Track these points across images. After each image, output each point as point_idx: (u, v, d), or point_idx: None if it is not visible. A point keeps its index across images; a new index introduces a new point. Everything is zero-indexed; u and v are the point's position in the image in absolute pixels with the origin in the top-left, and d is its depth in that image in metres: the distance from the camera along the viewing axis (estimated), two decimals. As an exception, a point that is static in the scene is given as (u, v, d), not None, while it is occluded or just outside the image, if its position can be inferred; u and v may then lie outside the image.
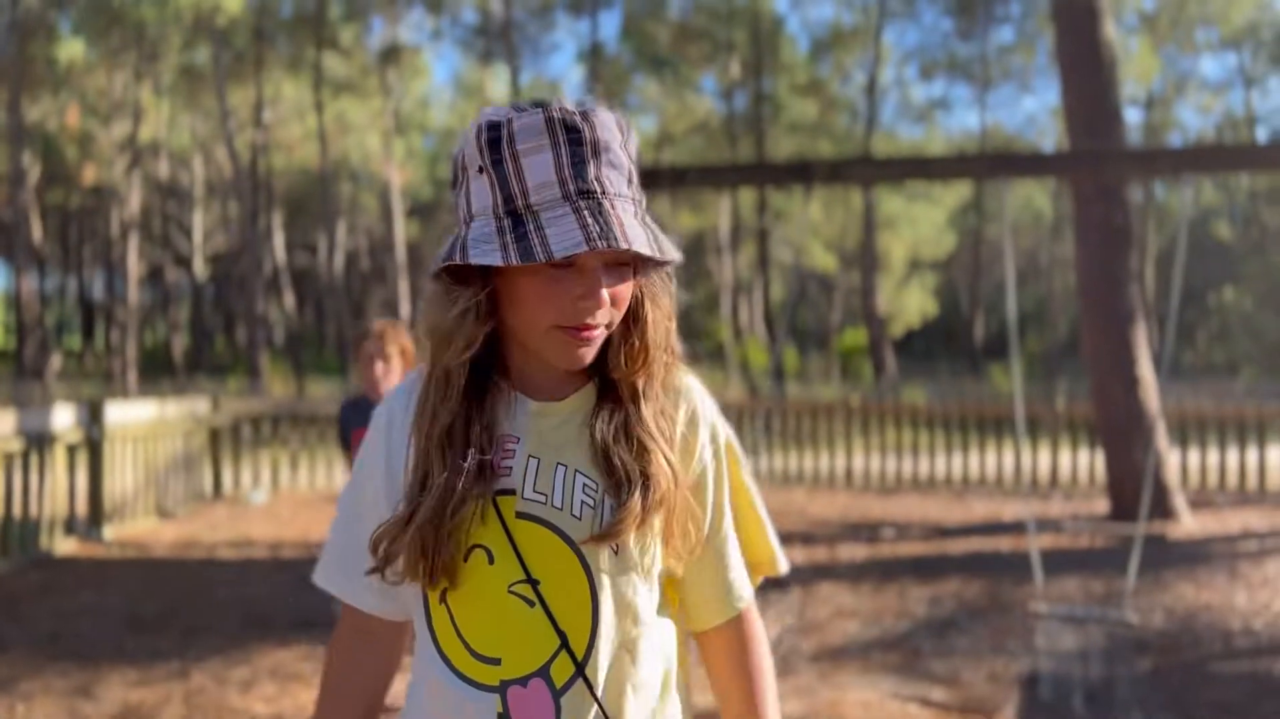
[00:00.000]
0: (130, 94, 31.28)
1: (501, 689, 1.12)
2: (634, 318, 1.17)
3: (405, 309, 36.01)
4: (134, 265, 32.13)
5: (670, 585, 1.25)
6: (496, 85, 36.66)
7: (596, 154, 1.09)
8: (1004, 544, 7.75)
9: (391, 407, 1.24)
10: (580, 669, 1.12)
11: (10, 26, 26.34)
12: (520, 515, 1.13)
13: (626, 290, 1.13)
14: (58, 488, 7.33)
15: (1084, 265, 8.81)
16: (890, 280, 36.27)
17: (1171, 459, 9.14)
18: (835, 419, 11.48)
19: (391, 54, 32.54)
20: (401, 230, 34.71)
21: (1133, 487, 8.01)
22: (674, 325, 1.22)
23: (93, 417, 7.80)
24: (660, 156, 32.29)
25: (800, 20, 48.87)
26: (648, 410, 1.17)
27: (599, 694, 1.13)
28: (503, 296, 1.13)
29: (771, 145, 33.25)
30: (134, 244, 31.99)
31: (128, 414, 8.36)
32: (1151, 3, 33.87)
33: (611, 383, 1.18)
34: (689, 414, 1.23)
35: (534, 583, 1.12)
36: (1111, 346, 8.53)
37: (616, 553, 1.14)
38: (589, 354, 1.13)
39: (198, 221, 36.34)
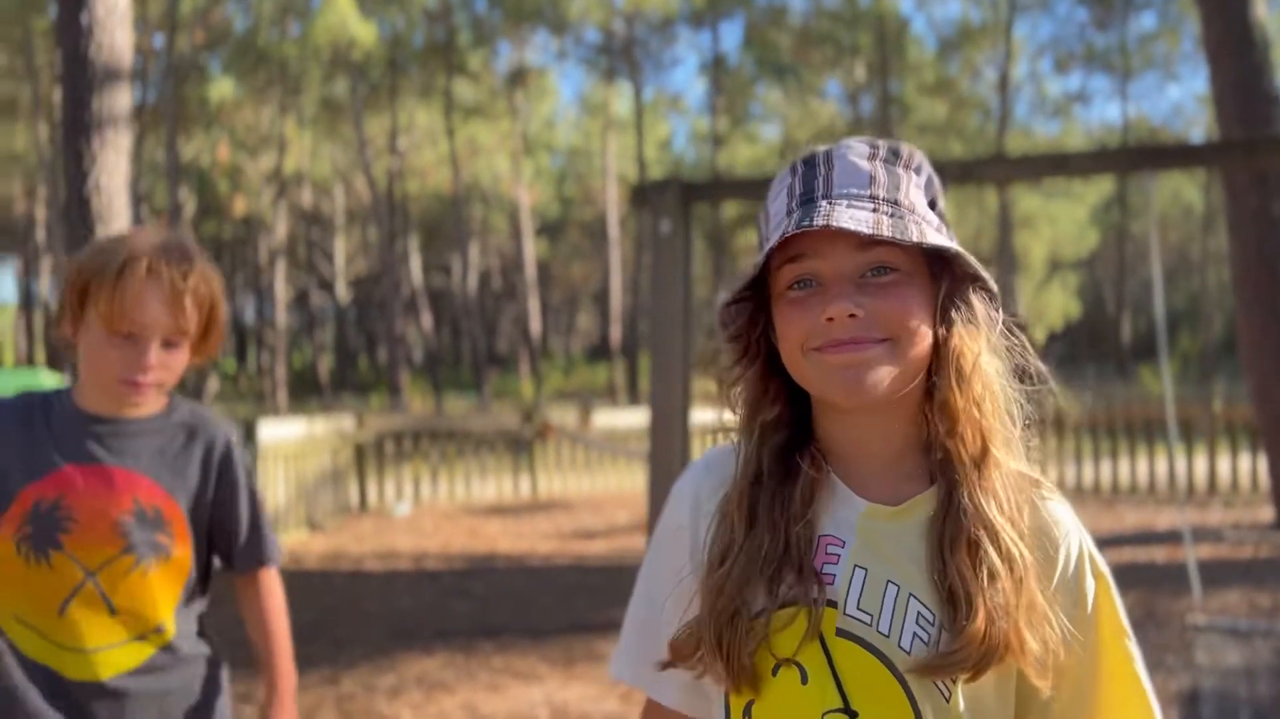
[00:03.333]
0: (275, 128, 32.93)
1: None
2: (950, 358, 1.02)
3: (535, 325, 36.71)
4: (282, 291, 33.80)
5: None
6: (621, 102, 37.11)
7: (829, 170, 1.03)
8: (1158, 555, 7.39)
9: (698, 481, 1.12)
10: None
11: (166, 70, 28.08)
12: (841, 634, 0.99)
13: (895, 302, 0.99)
14: (217, 503, 7.74)
15: (1239, 259, 8.34)
16: (1030, 281, 35.07)
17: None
18: (973, 426, 11.14)
19: (518, 76, 33.33)
20: (531, 249, 35.45)
21: (1301, 493, 7.52)
22: (1003, 369, 1.04)
23: (247, 435, 8.22)
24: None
25: (927, 19, 47.91)
26: (981, 500, 0.99)
27: None
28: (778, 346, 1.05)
29: (899, 148, 32.56)
30: (281, 270, 33.65)
31: (279, 432, 8.77)
32: (1308, -22, 31.90)
33: (953, 485, 1.01)
34: (1050, 538, 1.03)
35: (852, 714, 0.98)
36: (1271, 344, 8.05)
37: (947, 700, 0.98)
38: (866, 379, 0.98)
39: (339, 247, 37.92)
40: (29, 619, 1.67)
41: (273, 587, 1.88)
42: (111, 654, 1.68)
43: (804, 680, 0.99)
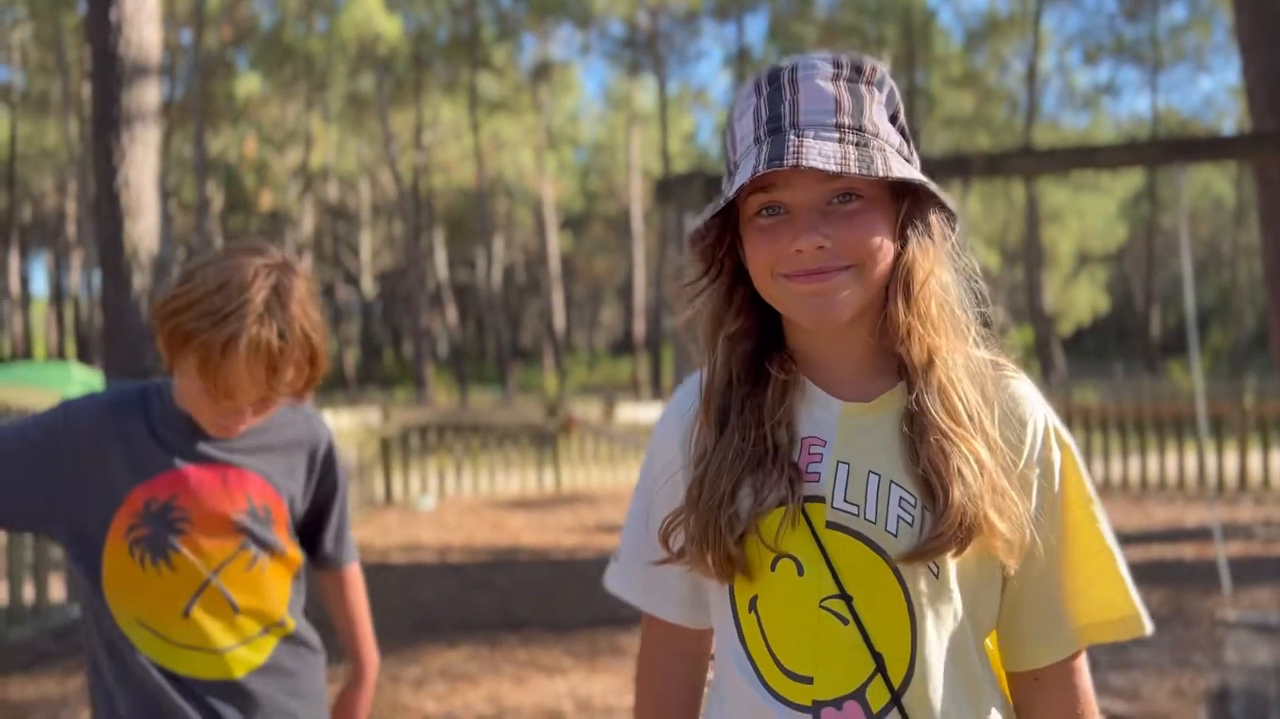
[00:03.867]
0: (301, 123, 33.14)
1: (815, 710, 1.05)
2: (901, 274, 1.07)
3: (559, 320, 36.76)
4: (308, 285, 33.95)
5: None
6: (645, 96, 37.07)
7: (795, 94, 1.05)
8: (1187, 551, 7.31)
9: (681, 400, 1.20)
10: (897, 697, 1.04)
11: (193, 66, 28.31)
12: (830, 526, 1.06)
13: (861, 230, 1.04)
14: (244, 496, 7.81)
15: (1271, 253, 8.23)
16: (1057, 275, 34.79)
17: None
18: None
19: (542, 71, 33.37)
20: (555, 243, 35.50)
21: (1333, 489, 7.42)
22: (956, 283, 1.10)
23: (274, 428, 8.28)
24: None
25: (953, 11, 47.57)
26: (940, 397, 1.06)
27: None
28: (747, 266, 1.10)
29: (926, 140, 32.39)
30: (308, 264, 33.84)
31: (305, 425, 8.84)
32: (1343, -33, 31.39)
33: (911, 386, 1.08)
34: (1016, 417, 1.09)
35: (847, 599, 1.05)
36: (1305, 339, 7.93)
37: (937, 575, 1.05)
38: (832, 307, 1.04)
39: (365, 241, 38.14)
40: (151, 623, 1.64)
41: (358, 581, 1.97)
42: (240, 652, 1.68)
43: (800, 572, 1.07)
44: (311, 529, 1.84)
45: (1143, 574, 1.08)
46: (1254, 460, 9.93)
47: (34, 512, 1.66)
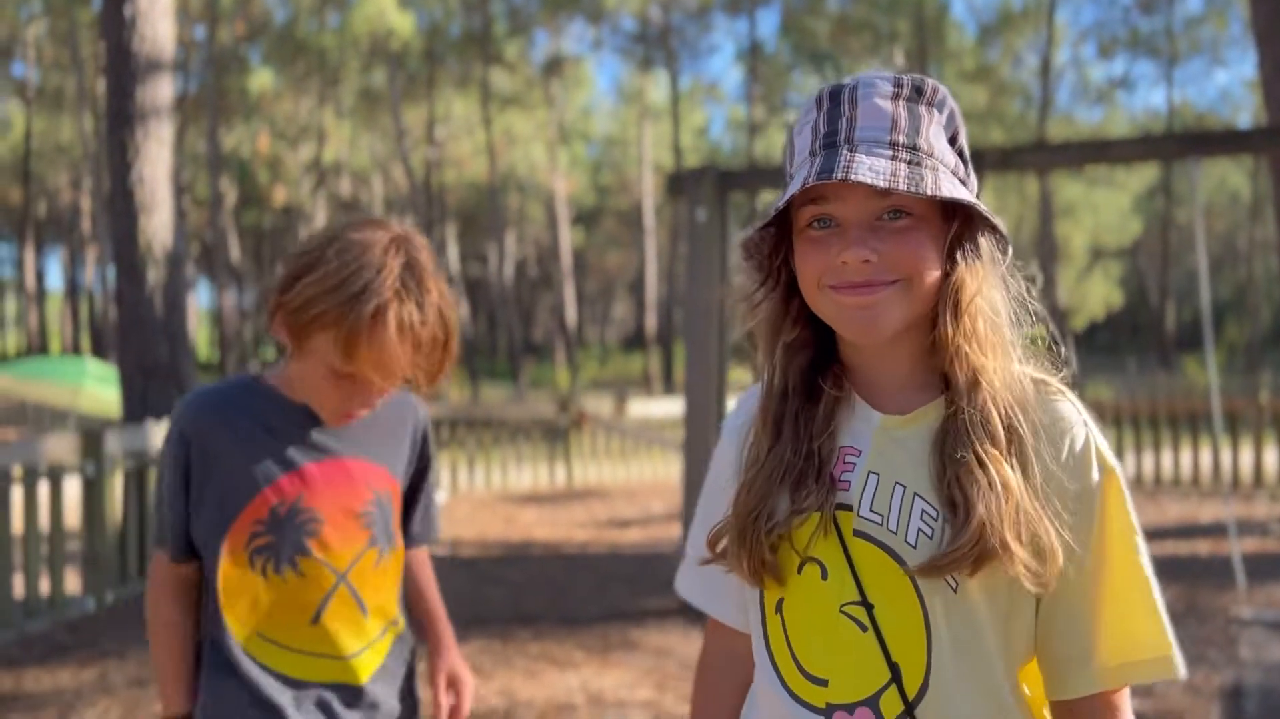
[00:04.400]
0: (314, 118, 33.22)
1: (828, 712, 1.08)
2: (949, 293, 1.09)
3: (571, 314, 36.78)
4: (321, 280, 34.04)
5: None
6: (657, 90, 37.02)
7: (853, 110, 1.08)
8: (1202, 548, 7.28)
9: (744, 408, 1.23)
10: (912, 706, 1.06)
11: (207, 62, 28.41)
12: (857, 534, 1.09)
13: (908, 247, 1.06)
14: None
15: (1287, 247, 8.18)
16: (1071, 270, 34.64)
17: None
18: (1012, 417, 11.03)
19: (554, 66, 33.36)
20: (567, 238, 35.50)
21: (1350, 486, 7.38)
22: (1006, 304, 1.11)
23: (287, 423, 8.30)
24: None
25: (967, 4, 47.30)
26: (981, 415, 1.06)
27: None
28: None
29: (939, 136, 32.25)
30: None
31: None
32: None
33: (951, 403, 1.09)
34: (1056, 437, 1.09)
35: (868, 606, 1.07)
36: (1321, 334, 7.88)
37: (955, 590, 1.05)
38: (875, 320, 1.06)
39: (377, 236, 38.17)
40: (276, 635, 1.55)
41: (428, 560, 1.90)
42: (365, 656, 1.61)
43: (824, 576, 1.09)
44: (405, 507, 1.74)
45: (1157, 570, 1.06)
46: (1269, 456, 9.88)
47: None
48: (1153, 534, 7.82)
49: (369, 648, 1.62)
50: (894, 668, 1.06)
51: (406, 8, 30.64)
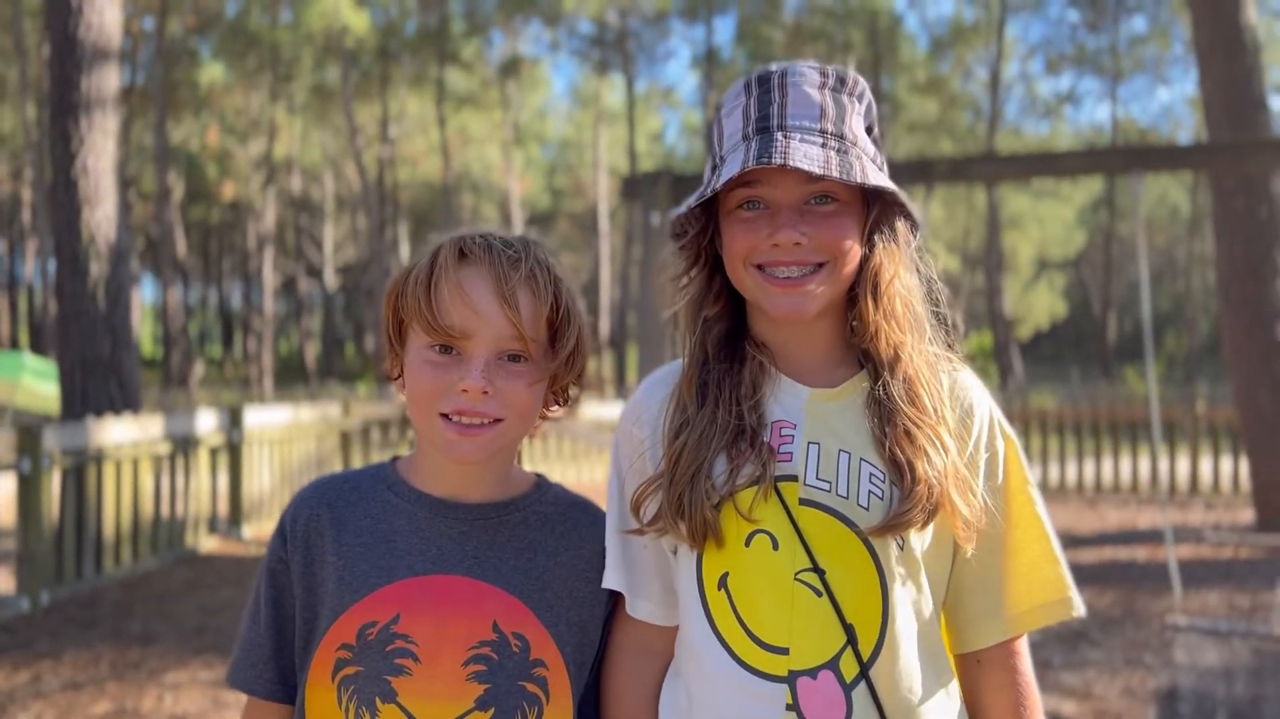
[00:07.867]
0: (265, 113, 32.75)
1: (790, 680, 1.09)
2: (869, 275, 1.14)
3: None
4: (269, 277, 33.63)
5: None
6: (613, 94, 37.01)
7: (784, 97, 1.12)
8: (1139, 554, 7.44)
9: (649, 392, 1.24)
10: (867, 667, 1.09)
11: (156, 53, 27.89)
12: (804, 503, 1.11)
13: (835, 231, 1.11)
14: (201, 489, 7.71)
15: (1225, 262, 8.39)
16: (1017, 281, 35.21)
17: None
18: (959, 424, 11.18)
19: (511, 67, 33.21)
20: (521, 239, 35.28)
21: (1281, 495, 7.58)
22: (920, 286, 1.18)
23: (233, 421, 8.18)
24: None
25: (919, 18, 48.07)
26: (905, 387, 1.13)
27: (888, 691, 1.09)
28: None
29: (890, 145, 32.64)
30: (269, 257, 33.48)
31: (265, 418, 8.74)
32: (1299, -16, 32.03)
33: (877, 377, 1.15)
34: (963, 407, 1.17)
35: (820, 572, 1.09)
36: (1256, 347, 8.10)
37: (902, 548, 1.10)
38: (799, 303, 1.11)
39: (328, 234, 37.76)
40: None
41: None
42: None
43: (775, 547, 1.11)
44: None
45: (1096, 575, 1.12)
46: (1205, 465, 10.11)
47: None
48: (1093, 540, 7.97)
49: None
50: (849, 629, 1.09)
51: (362, 5, 30.32)
